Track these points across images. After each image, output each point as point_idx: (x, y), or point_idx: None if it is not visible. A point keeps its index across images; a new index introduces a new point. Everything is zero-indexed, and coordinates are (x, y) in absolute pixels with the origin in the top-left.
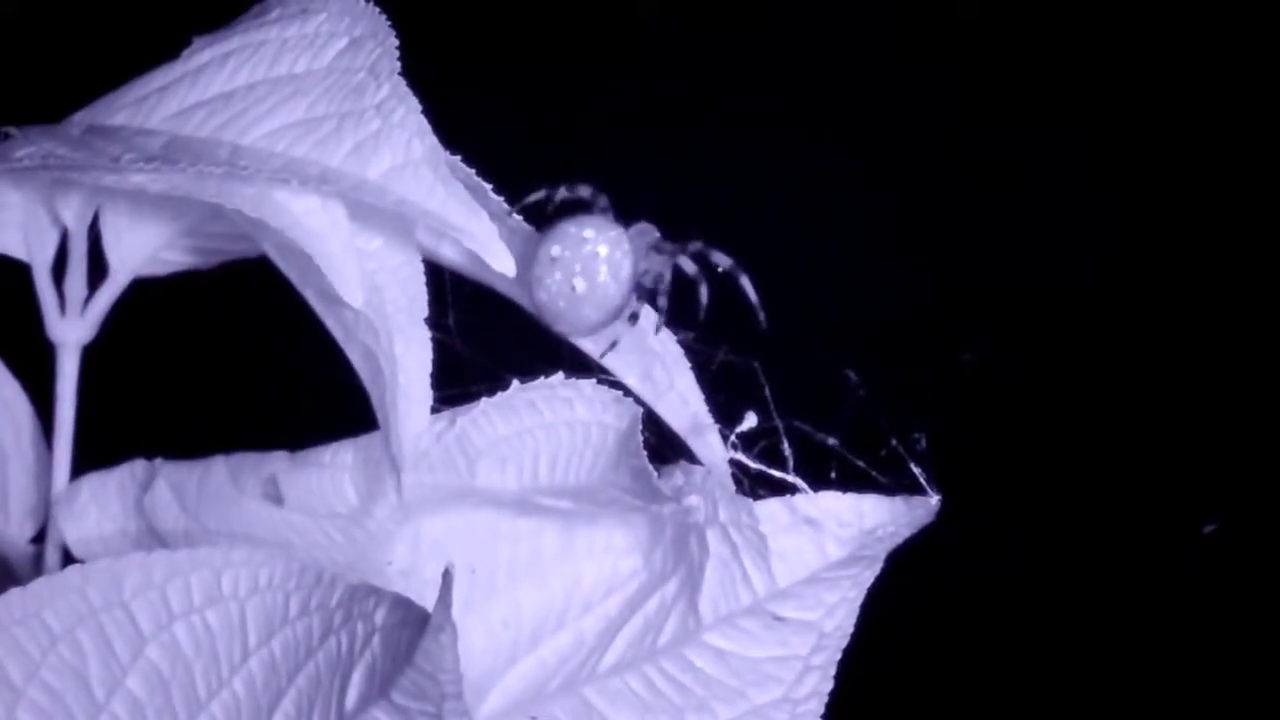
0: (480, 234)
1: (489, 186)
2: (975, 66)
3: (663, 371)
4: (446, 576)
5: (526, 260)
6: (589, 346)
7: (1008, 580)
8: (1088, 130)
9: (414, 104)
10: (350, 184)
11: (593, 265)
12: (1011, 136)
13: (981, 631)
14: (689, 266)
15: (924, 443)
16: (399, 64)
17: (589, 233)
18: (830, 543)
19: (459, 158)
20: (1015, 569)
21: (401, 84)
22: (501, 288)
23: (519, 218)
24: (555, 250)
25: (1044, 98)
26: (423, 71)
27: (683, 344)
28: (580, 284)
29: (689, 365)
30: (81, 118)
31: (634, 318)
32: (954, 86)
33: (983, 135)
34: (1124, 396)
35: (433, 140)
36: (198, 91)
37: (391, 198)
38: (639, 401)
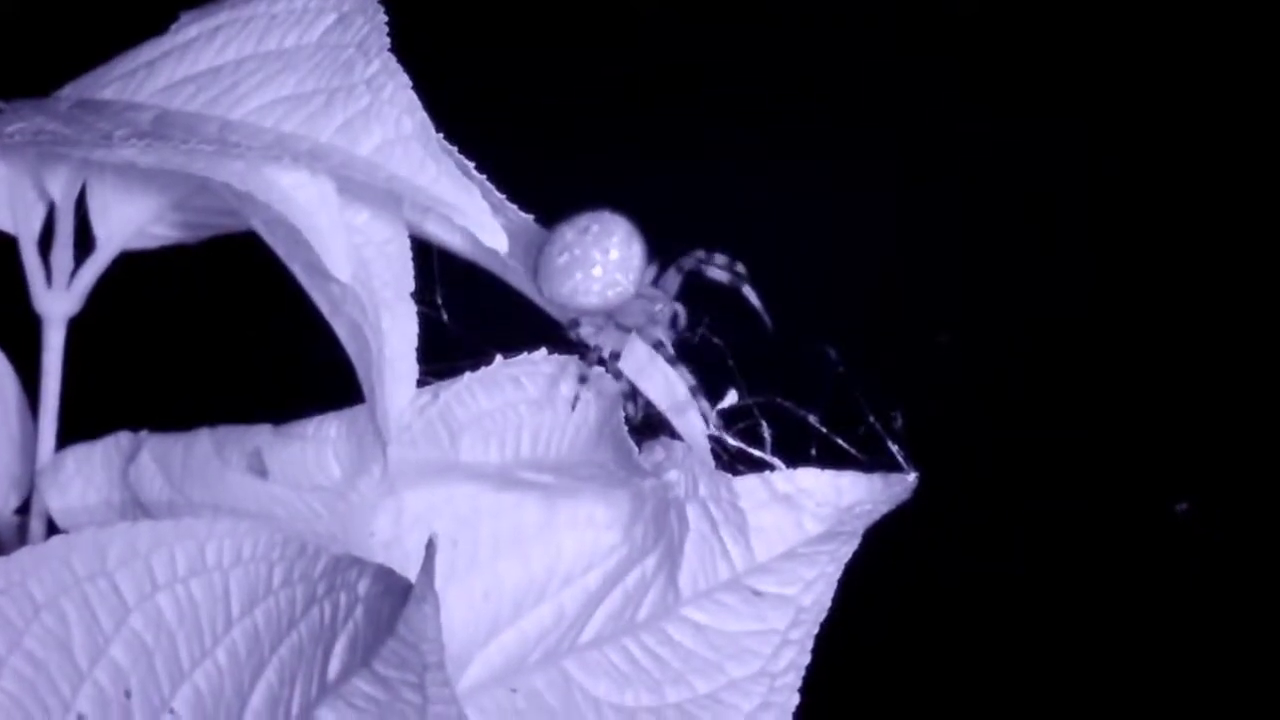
0: (471, 210)
1: (483, 177)
2: (973, 60)
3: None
4: (429, 547)
5: (534, 245)
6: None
7: (985, 557)
8: (1083, 121)
9: (404, 80)
10: (340, 160)
11: (569, 268)
12: (1000, 125)
13: (957, 607)
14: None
15: (901, 421)
16: (388, 40)
17: (599, 253)
18: (808, 519)
19: (455, 148)
20: (992, 546)
21: (391, 60)
22: (487, 264)
23: (514, 207)
24: (584, 224)
25: (1037, 92)
26: (416, 66)
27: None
28: (563, 259)
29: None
30: (70, 92)
31: (584, 351)
32: (951, 79)
33: (971, 122)
34: (1105, 378)
35: (423, 116)
36: (186, 66)
37: (382, 174)
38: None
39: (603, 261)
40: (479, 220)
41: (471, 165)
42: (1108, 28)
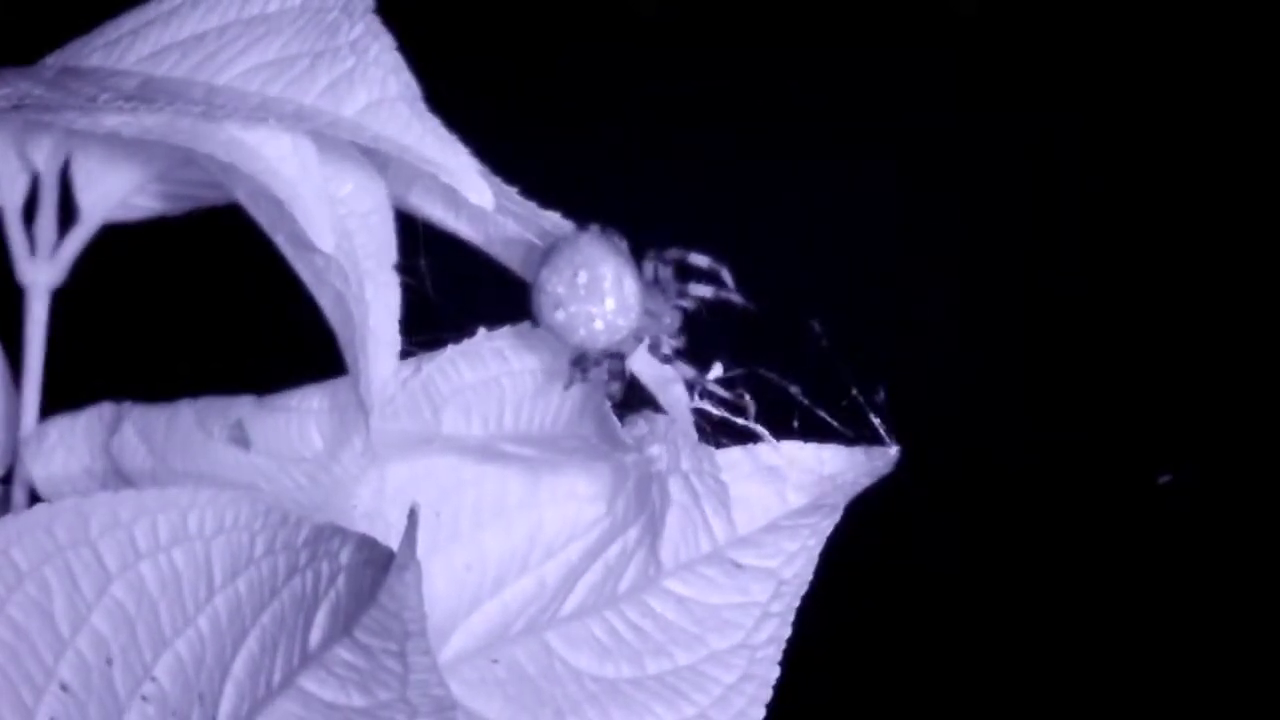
0: (458, 167)
1: (467, 150)
2: (972, 59)
3: None
4: (411, 516)
5: (545, 237)
6: None
7: (966, 531)
8: (1077, 114)
9: (388, 41)
10: (326, 121)
11: (569, 326)
12: (994, 117)
13: (938, 582)
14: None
15: (883, 394)
16: (373, 2)
17: (595, 307)
18: (790, 491)
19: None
20: (973, 520)
21: (376, 21)
22: (470, 238)
23: (498, 180)
24: (568, 271)
25: (1033, 86)
26: (416, 69)
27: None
28: (560, 316)
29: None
30: (54, 60)
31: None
32: (949, 75)
33: (964, 114)
34: (1089, 353)
35: (408, 77)
36: (170, 33)
37: (367, 134)
38: None
39: (600, 314)
40: (466, 178)
41: (455, 137)
42: (1105, 25)
